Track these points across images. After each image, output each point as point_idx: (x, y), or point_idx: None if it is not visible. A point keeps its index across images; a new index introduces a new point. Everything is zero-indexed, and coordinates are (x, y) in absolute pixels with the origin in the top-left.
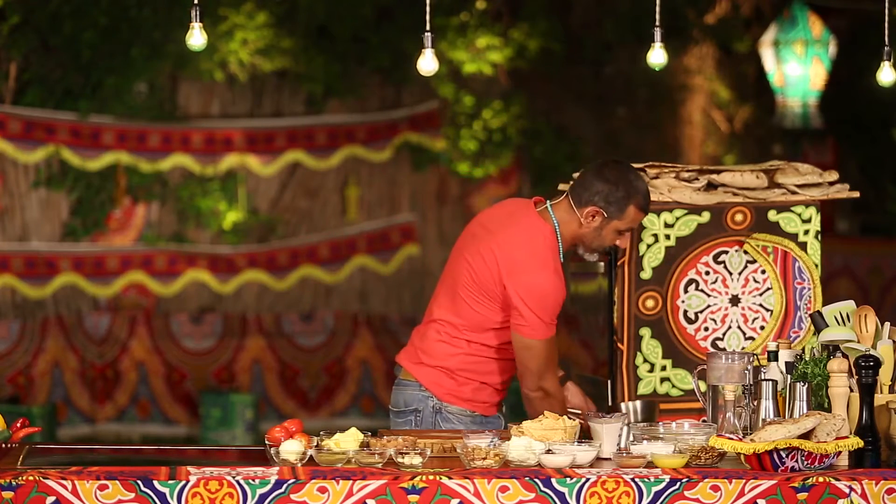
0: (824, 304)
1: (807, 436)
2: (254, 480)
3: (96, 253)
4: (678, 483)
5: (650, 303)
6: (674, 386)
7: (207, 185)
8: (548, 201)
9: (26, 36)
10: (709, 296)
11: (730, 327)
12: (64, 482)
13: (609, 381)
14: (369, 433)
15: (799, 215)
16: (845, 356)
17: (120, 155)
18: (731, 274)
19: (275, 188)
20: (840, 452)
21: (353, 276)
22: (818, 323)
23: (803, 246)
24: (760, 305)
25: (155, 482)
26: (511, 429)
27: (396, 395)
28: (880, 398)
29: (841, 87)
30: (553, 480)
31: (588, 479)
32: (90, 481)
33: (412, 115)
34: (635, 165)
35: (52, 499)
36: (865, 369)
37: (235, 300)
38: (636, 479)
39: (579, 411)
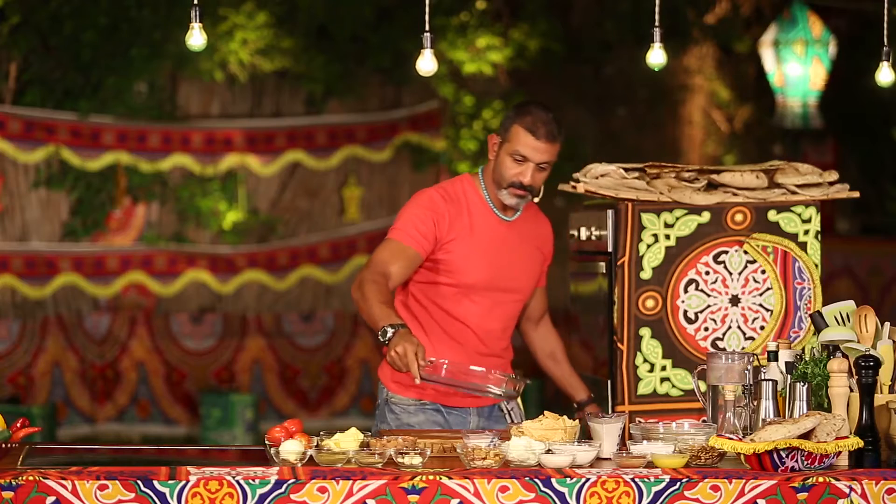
0: (824, 304)
1: (807, 436)
2: (254, 480)
3: (96, 253)
4: (678, 483)
5: (650, 303)
6: (674, 386)
7: (207, 185)
8: (480, 168)
9: (26, 36)
10: (709, 296)
11: (730, 327)
12: (64, 482)
13: (609, 381)
14: (369, 433)
15: (799, 215)
16: (845, 356)
17: (120, 155)
18: (731, 274)
19: (275, 188)
20: (840, 452)
21: (354, 277)
22: (818, 323)
23: (803, 246)
24: (760, 305)
25: (155, 482)
26: (511, 429)
27: None
28: (880, 398)
29: (841, 87)
30: (553, 480)
31: (588, 479)
32: (90, 481)
33: (412, 115)
34: (636, 165)
35: (52, 499)
36: (865, 369)
37: (235, 300)
38: (636, 479)
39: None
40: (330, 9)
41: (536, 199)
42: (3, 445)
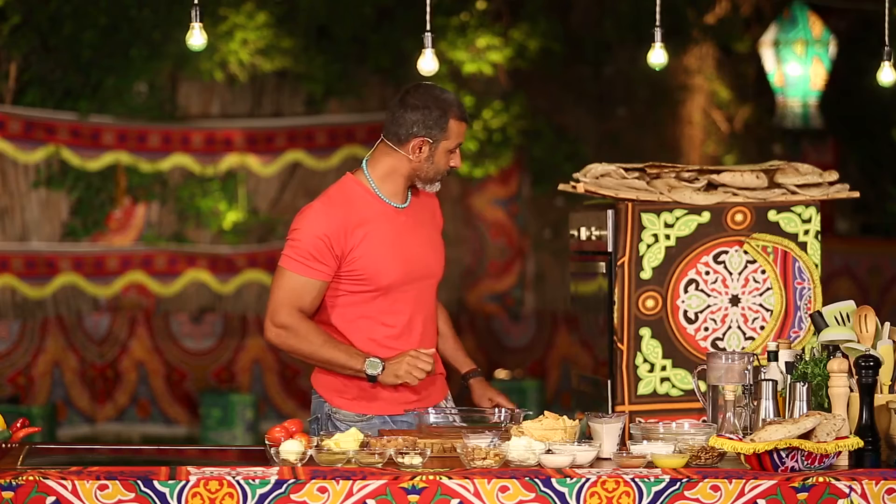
0: (824, 304)
1: (807, 436)
2: (254, 480)
3: (96, 253)
4: (678, 483)
5: (650, 303)
6: (674, 386)
7: (207, 185)
8: (364, 161)
9: (26, 36)
10: (709, 296)
11: (730, 327)
12: (64, 482)
13: (609, 381)
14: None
15: (799, 215)
16: (845, 356)
17: (120, 155)
18: (731, 274)
19: (275, 188)
20: (840, 452)
21: None
22: (818, 323)
23: (803, 246)
24: (760, 305)
25: (155, 482)
26: (511, 429)
27: None
28: (880, 398)
29: (841, 87)
30: (553, 480)
31: (588, 479)
32: (90, 481)
33: None
34: (636, 165)
35: (52, 499)
36: (865, 369)
37: (235, 300)
38: (636, 479)
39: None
40: (330, 9)
41: None
42: (3, 445)
